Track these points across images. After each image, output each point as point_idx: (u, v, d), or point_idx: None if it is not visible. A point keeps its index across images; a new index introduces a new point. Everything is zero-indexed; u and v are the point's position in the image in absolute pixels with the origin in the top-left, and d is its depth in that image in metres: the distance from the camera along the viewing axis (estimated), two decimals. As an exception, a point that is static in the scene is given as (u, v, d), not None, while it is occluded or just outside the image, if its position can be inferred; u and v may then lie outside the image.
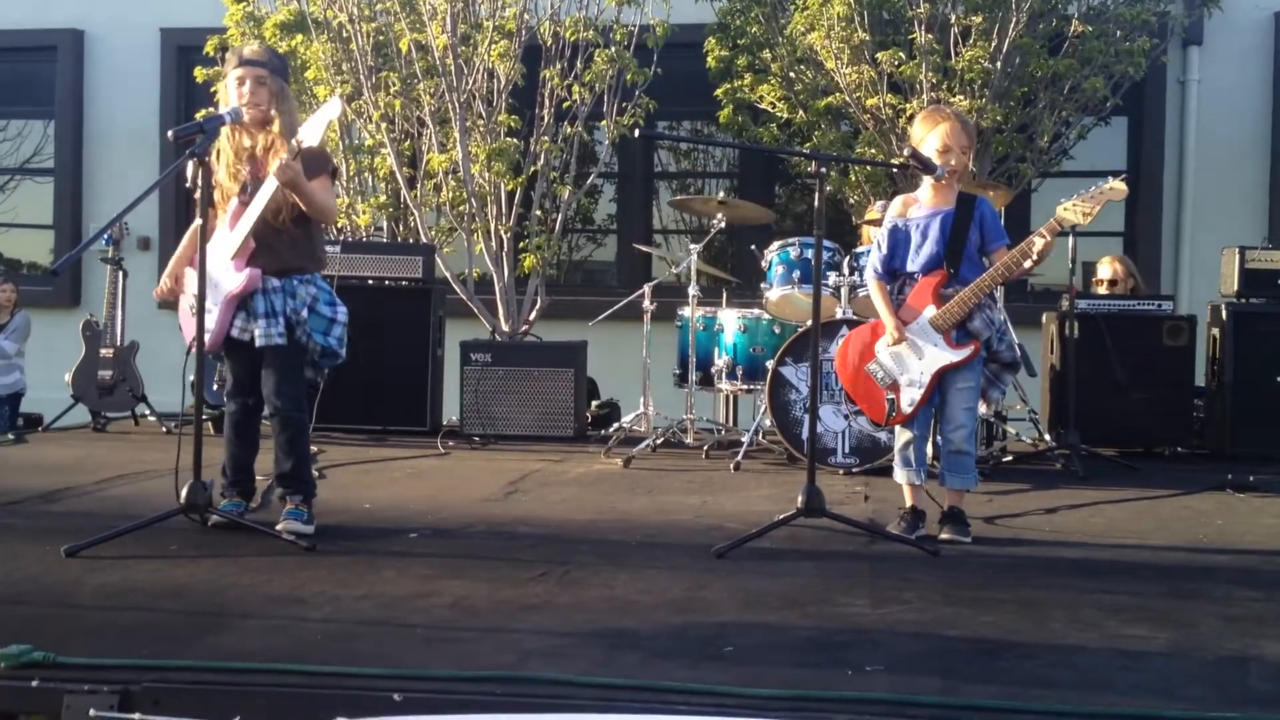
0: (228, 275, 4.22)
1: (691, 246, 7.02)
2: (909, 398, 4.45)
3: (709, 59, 8.79)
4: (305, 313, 4.31)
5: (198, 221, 4.46)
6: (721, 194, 7.90)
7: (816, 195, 4.32)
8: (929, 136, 4.47)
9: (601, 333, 7.75)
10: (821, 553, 4.20)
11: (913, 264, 4.50)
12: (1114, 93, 8.29)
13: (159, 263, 9.29)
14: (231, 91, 4.30)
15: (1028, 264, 4.36)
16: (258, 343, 4.27)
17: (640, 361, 7.18)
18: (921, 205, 4.54)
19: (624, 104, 8.31)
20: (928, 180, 4.48)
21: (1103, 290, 7.58)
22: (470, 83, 8.11)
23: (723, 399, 7.39)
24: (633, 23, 8.25)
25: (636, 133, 5.51)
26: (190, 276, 4.40)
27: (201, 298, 4.13)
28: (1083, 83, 8.11)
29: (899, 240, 4.53)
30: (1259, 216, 9.44)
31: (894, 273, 4.56)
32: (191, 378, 4.27)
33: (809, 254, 6.24)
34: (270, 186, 4.18)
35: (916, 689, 2.69)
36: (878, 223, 6.88)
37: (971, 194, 4.57)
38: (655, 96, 8.31)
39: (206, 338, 4.35)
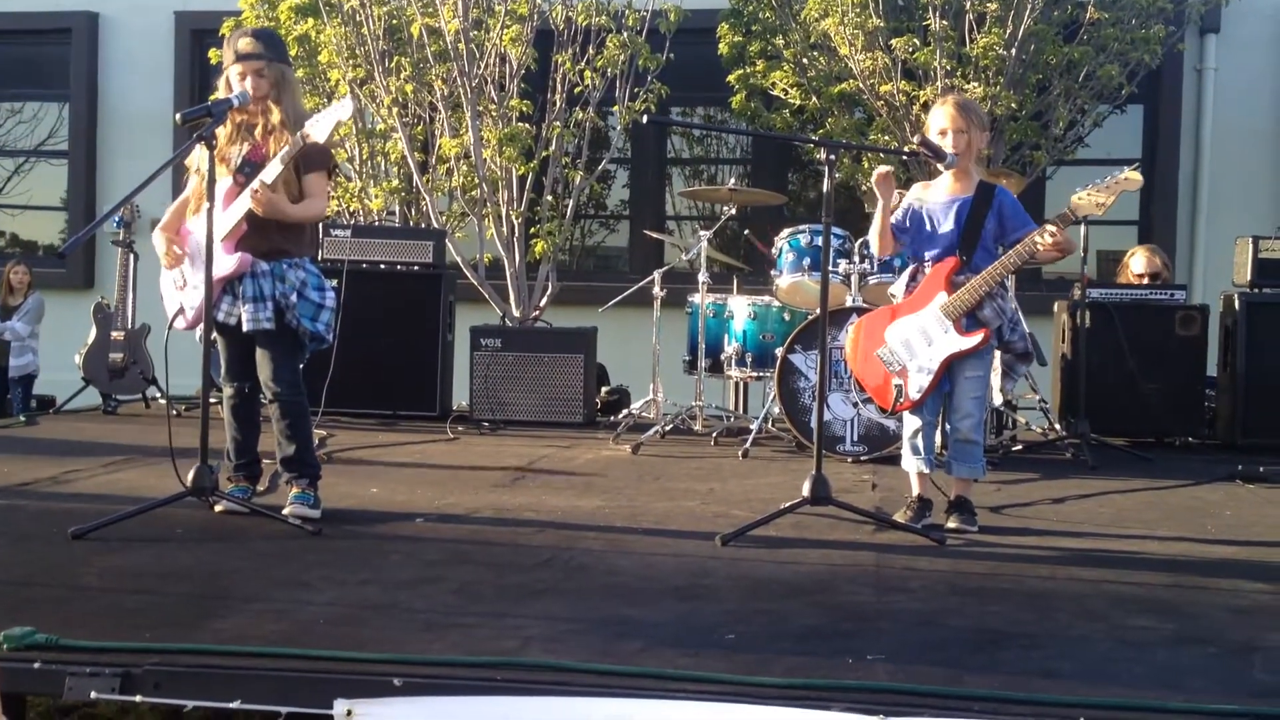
0: (217, 257, 4.21)
1: (702, 233, 7.00)
2: (917, 384, 4.43)
3: (722, 45, 8.76)
4: (294, 297, 4.29)
5: (183, 195, 4.48)
6: (733, 181, 7.86)
7: (825, 182, 4.31)
8: (930, 121, 4.49)
9: (612, 319, 7.75)
10: (827, 541, 4.19)
11: (927, 251, 4.48)
12: (1129, 80, 8.23)
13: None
14: (234, 85, 4.30)
15: (1041, 247, 4.31)
16: (245, 327, 4.26)
17: (650, 348, 7.17)
18: (940, 191, 4.51)
19: (636, 89, 8.28)
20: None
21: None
22: (482, 67, 8.10)
23: (732, 386, 7.38)
24: (645, 8, 8.23)
25: (645, 119, 5.47)
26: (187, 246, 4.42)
27: (208, 282, 4.13)
28: (1098, 70, 8.07)
29: (914, 222, 4.51)
30: (1273, 206, 9.37)
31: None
32: (200, 361, 4.28)
33: (819, 241, 6.22)
34: (247, 202, 4.19)
35: (919, 678, 2.67)
36: None
37: (992, 183, 4.54)
38: (667, 82, 8.29)
39: (189, 316, 4.37)
